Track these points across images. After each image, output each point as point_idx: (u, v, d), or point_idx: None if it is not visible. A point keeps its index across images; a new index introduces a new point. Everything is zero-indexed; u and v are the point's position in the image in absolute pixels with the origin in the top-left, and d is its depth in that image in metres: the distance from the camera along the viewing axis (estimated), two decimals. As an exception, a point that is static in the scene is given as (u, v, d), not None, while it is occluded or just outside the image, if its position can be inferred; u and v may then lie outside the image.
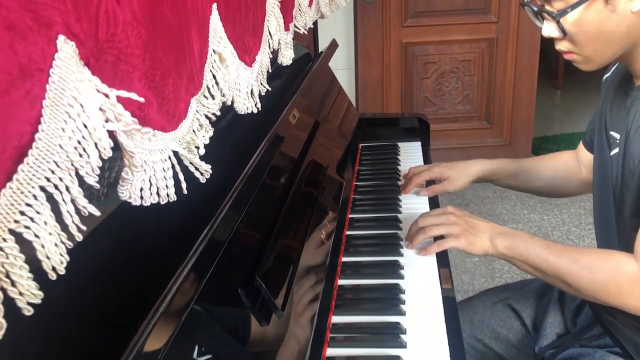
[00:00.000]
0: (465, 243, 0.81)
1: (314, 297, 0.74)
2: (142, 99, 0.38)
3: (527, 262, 0.78)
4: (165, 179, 0.42)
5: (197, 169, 0.47)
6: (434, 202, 1.08)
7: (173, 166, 0.43)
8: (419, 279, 0.84)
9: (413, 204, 1.07)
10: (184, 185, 0.44)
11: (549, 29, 0.75)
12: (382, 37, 2.42)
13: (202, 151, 0.48)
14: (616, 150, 0.80)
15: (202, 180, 0.48)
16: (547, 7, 0.73)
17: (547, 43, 0.78)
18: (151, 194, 0.41)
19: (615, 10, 0.70)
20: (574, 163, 1.03)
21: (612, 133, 0.81)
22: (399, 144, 1.36)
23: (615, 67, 0.88)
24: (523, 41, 2.42)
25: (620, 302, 0.73)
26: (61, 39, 0.32)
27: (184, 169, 0.45)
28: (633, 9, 0.69)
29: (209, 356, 0.49)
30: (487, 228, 0.82)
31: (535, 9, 0.76)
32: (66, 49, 0.32)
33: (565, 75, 3.76)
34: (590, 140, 0.96)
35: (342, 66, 2.47)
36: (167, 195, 0.43)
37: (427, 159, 1.29)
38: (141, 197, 0.41)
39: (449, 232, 0.83)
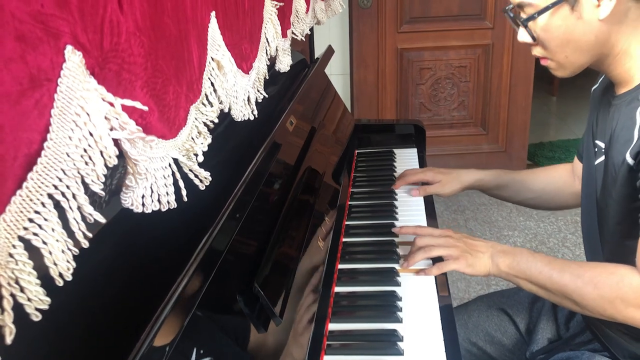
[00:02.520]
0: (465, 264, 0.81)
1: (311, 304, 0.74)
2: (145, 108, 0.39)
3: (531, 280, 0.77)
4: (166, 186, 0.43)
5: (196, 176, 0.48)
6: (430, 209, 1.09)
7: (173, 173, 0.44)
8: (415, 286, 0.84)
9: (409, 211, 1.08)
10: (184, 192, 0.45)
11: (523, 35, 0.77)
12: (378, 43, 2.44)
13: (201, 158, 0.49)
14: (600, 159, 0.80)
15: (202, 187, 0.49)
16: (521, 14, 0.75)
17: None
18: (152, 201, 0.42)
19: (582, 18, 0.71)
20: (568, 175, 1.04)
21: (597, 142, 0.82)
22: (395, 150, 1.37)
23: (602, 78, 0.89)
24: (519, 47, 2.45)
25: (626, 316, 0.71)
26: (69, 49, 0.33)
27: (183, 177, 0.46)
28: (600, 17, 0.70)
29: (209, 358, 0.50)
30: (487, 247, 0.81)
31: (512, 15, 0.78)
32: (73, 59, 0.33)
33: (561, 81, 3.78)
34: (582, 151, 0.97)
35: (337, 72, 2.48)
36: (168, 202, 0.43)
37: (423, 165, 1.30)
38: (143, 205, 0.41)
39: (448, 254, 0.83)
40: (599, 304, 0.72)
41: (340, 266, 0.90)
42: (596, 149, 0.82)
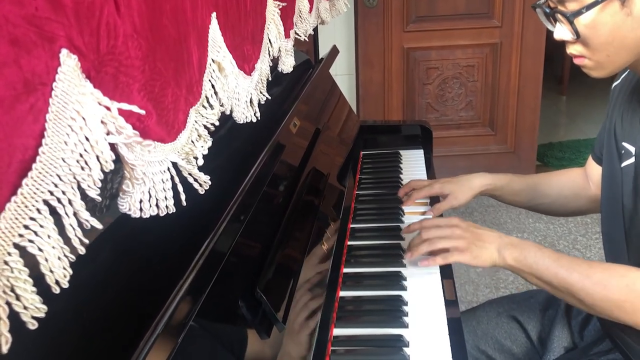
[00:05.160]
0: (470, 257, 0.79)
1: (315, 309, 0.73)
2: (142, 112, 0.39)
3: (537, 275, 0.75)
4: (165, 190, 0.43)
5: (196, 180, 0.48)
6: (437, 216, 1.07)
7: (172, 177, 0.44)
8: (421, 290, 0.83)
9: (415, 214, 1.07)
10: (183, 196, 0.44)
11: (561, 32, 0.73)
12: (384, 42, 2.42)
13: (201, 162, 0.48)
14: (629, 161, 0.77)
15: (201, 191, 0.48)
16: (561, 8, 0.71)
17: (552, 48, 0.76)
18: (150, 205, 0.41)
19: (631, 14, 0.67)
20: (582, 179, 1.00)
21: (625, 144, 0.79)
22: (401, 151, 1.35)
23: (624, 74, 0.85)
24: (527, 46, 2.42)
25: (634, 320, 0.70)
26: (64, 53, 0.33)
27: (183, 180, 0.45)
28: None
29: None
30: (495, 238, 0.80)
31: (548, 10, 0.73)
32: (69, 63, 0.33)
33: (571, 80, 3.74)
34: (599, 153, 0.93)
35: (342, 72, 2.47)
36: (166, 207, 0.43)
37: (429, 167, 1.29)
38: (140, 210, 0.41)
39: (454, 246, 0.81)
40: (607, 305, 0.71)
41: (345, 270, 0.89)
42: (623, 151, 0.79)
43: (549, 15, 0.74)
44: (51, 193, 0.32)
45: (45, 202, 0.32)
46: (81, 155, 0.33)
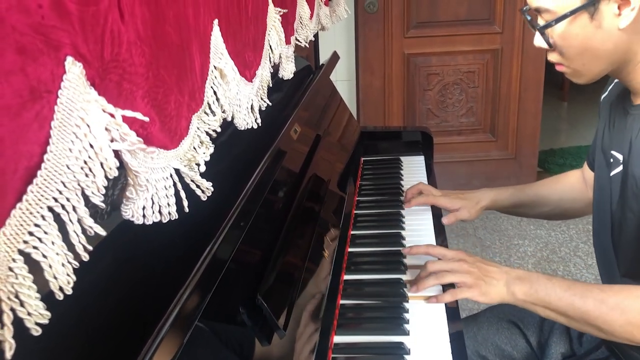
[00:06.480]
0: (479, 293, 0.77)
1: (316, 316, 0.73)
2: (146, 119, 0.39)
3: (550, 307, 0.74)
4: (167, 197, 0.43)
5: (198, 186, 0.48)
6: (437, 218, 1.07)
7: (174, 184, 0.44)
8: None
9: (416, 220, 1.06)
10: (185, 203, 0.44)
11: (539, 40, 0.76)
12: (384, 48, 2.43)
13: (203, 168, 0.48)
14: (617, 170, 0.78)
15: (203, 198, 0.48)
16: (538, 18, 0.74)
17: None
18: (153, 212, 0.42)
19: (601, 27, 0.69)
20: (580, 184, 1.02)
21: (613, 152, 0.80)
22: (402, 158, 1.35)
23: (612, 86, 0.87)
24: (528, 52, 2.42)
25: None
26: (69, 61, 0.33)
27: (185, 186, 0.46)
28: (620, 26, 0.68)
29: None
30: (502, 274, 0.78)
31: (529, 18, 0.77)
32: (74, 70, 0.33)
33: (572, 86, 3.75)
34: (592, 159, 0.95)
35: (342, 77, 2.48)
36: (169, 213, 0.43)
37: (430, 173, 1.29)
38: (143, 216, 0.41)
39: (461, 281, 0.79)
40: (627, 330, 0.69)
41: (346, 277, 0.89)
42: (612, 160, 0.80)
43: (530, 23, 0.77)
44: (55, 200, 0.32)
45: (50, 209, 0.32)
46: (85, 162, 0.34)
